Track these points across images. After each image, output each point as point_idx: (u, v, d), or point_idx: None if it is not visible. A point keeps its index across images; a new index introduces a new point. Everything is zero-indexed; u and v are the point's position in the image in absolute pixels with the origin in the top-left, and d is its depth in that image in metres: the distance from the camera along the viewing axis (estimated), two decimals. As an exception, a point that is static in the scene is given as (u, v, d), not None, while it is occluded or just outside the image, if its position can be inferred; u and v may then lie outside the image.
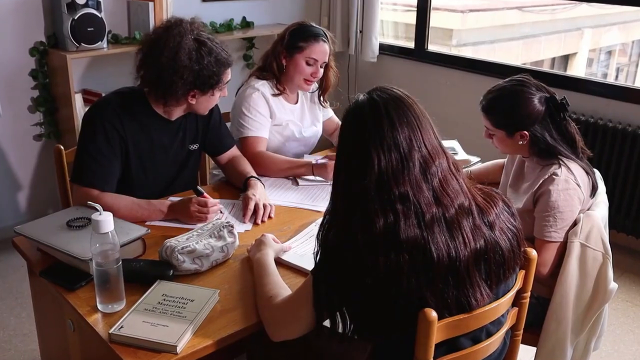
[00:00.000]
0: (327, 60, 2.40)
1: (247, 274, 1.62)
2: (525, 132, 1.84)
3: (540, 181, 1.82)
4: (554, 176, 1.79)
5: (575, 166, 1.83)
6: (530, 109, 1.82)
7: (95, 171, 1.88)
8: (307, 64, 2.36)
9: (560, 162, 1.82)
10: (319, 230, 1.29)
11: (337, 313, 1.27)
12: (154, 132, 1.99)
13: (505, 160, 2.15)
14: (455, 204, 1.22)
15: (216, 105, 2.14)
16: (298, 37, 2.35)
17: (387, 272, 1.17)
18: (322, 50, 2.36)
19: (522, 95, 1.83)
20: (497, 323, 1.35)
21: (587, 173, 1.85)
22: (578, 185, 1.80)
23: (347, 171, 1.24)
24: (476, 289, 1.22)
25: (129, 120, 1.93)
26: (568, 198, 1.78)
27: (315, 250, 1.29)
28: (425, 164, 1.21)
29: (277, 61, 2.38)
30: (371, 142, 1.20)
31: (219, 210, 1.90)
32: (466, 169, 2.33)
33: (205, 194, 1.90)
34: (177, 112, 2.00)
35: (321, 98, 2.59)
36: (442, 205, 1.20)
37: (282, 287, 1.46)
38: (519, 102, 1.83)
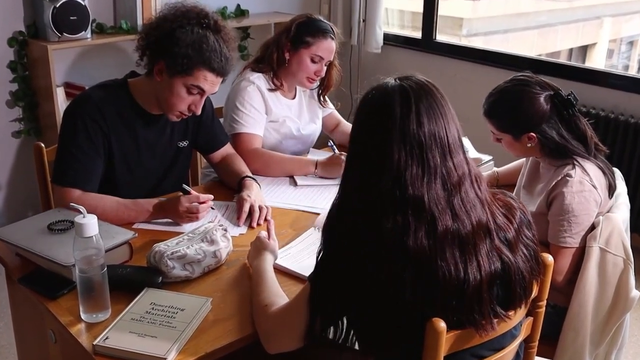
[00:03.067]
0: (331, 59, 2.41)
1: (241, 281, 1.62)
2: (533, 133, 1.84)
3: (554, 183, 1.82)
4: (567, 177, 1.79)
5: (590, 166, 1.83)
6: (535, 108, 1.82)
7: (77, 170, 1.88)
8: (312, 61, 2.36)
9: (575, 162, 1.82)
10: (325, 226, 1.27)
11: (337, 322, 1.27)
12: (138, 127, 1.99)
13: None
14: (473, 221, 1.20)
15: (208, 99, 2.13)
16: (305, 31, 2.35)
17: (390, 281, 1.16)
18: (329, 48, 2.36)
19: (525, 95, 1.83)
20: (510, 334, 1.35)
21: (603, 173, 1.85)
22: (594, 186, 1.80)
23: (363, 163, 1.22)
24: (487, 317, 1.20)
25: (111, 115, 1.93)
26: (583, 201, 1.78)
27: (319, 249, 1.28)
28: (448, 174, 1.19)
29: (280, 54, 2.38)
30: (394, 137, 1.18)
31: (209, 207, 1.90)
32: (490, 169, 2.33)
33: (193, 192, 1.89)
34: (153, 102, 1.96)
35: (321, 98, 2.59)
36: (458, 220, 1.19)
37: (279, 295, 1.46)
38: (522, 102, 1.84)
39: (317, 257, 1.29)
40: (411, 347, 1.21)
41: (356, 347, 1.35)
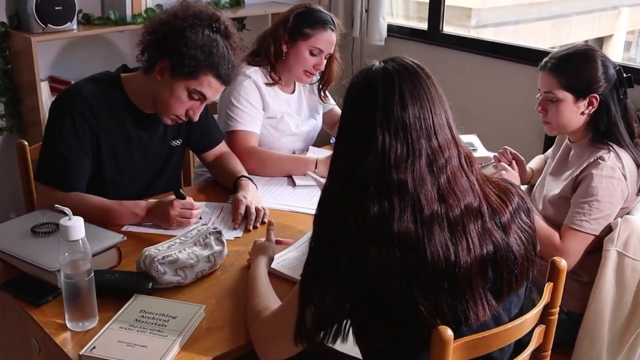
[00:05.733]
0: (332, 51, 2.41)
1: (236, 287, 1.62)
2: (596, 95, 1.86)
3: (585, 165, 1.85)
4: (599, 160, 1.83)
5: (625, 155, 1.86)
6: (604, 71, 1.87)
7: (62, 168, 1.88)
8: (311, 53, 2.36)
9: (610, 148, 1.85)
10: (315, 215, 1.30)
11: (328, 317, 1.28)
12: (130, 125, 1.99)
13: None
14: (461, 204, 1.23)
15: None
16: (304, 22, 2.35)
17: (377, 268, 1.19)
18: (328, 40, 2.37)
19: (596, 56, 1.89)
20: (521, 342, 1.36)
21: (637, 166, 1.87)
22: (624, 176, 1.83)
23: (348, 147, 1.26)
24: (477, 301, 1.22)
25: (102, 112, 1.93)
26: (610, 187, 1.80)
27: (310, 240, 1.30)
28: (433, 155, 1.22)
29: (277, 46, 2.38)
30: (378, 120, 1.22)
31: (199, 214, 1.91)
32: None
33: (189, 198, 1.89)
34: (148, 100, 1.96)
35: (321, 93, 2.59)
36: (446, 203, 1.22)
37: (273, 300, 1.46)
38: (593, 62, 1.88)
39: (310, 248, 1.30)
40: (398, 336, 1.23)
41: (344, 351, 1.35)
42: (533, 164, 2.36)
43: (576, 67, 1.90)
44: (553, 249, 1.82)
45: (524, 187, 2.27)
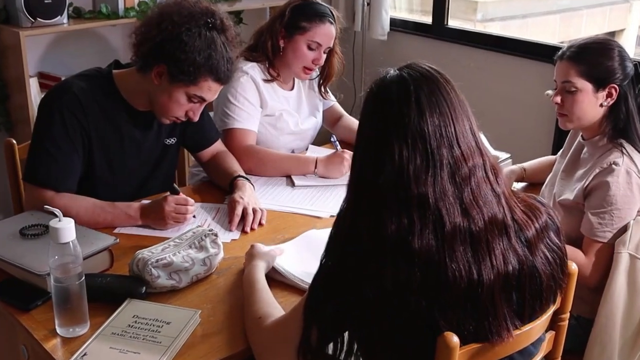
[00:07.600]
0: (331, 45, 2.41)
1: (233, 291, 1.62)
2: (615, 86, 1.86)
3: (597, 170, 1.84)
4: (613, 166, 1.82)
5: (638, 157, 1.86)
6: (621, 61, 1.88)
7: (51, 168, 1.88)
8: (309, 48, 2.36)
9: (623, 150, 1.85)
10: (331, 230, 1.29)
11: (336, 336, 1.27)
12: (123, 123, 1.99)
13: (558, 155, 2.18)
14: (485, 217, 1.20)
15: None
16: (301, 15, 2.35)
17: (394, 287, 1.16)
18: (327, 33, 2.36)
19: (617, 48, 1.90)
20: (529, 350, 1.35)
21: None
22: None
23: (364, 161, 1.24)
24: (502, 322, 1.20)
25: (93, 109, 1.93)
26: (629, 194, 1.81)
27: (322, 254, 1.29)
28: (456, 165, 1.20)
29: (274, 41, 2.38)
30: (394, 131, 1.19)
31: (194, 211, 1.91)
32: (515, 166, 2.35)
33: (182, 194, 1.90)
34: (141, 98, 1.96)
35: (322, 88, 2.59)
36: (469, 216, 1.19)
37: (273, 305, 1.46)
38: (613, 53, 1.89)
39: (320, 262, 1.29)
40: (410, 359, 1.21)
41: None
42: (531, 163, 2.35)
43: (596, 55, 1.90)
44: (579, 265, 1.81)
45: (520, 186, 2.27)
